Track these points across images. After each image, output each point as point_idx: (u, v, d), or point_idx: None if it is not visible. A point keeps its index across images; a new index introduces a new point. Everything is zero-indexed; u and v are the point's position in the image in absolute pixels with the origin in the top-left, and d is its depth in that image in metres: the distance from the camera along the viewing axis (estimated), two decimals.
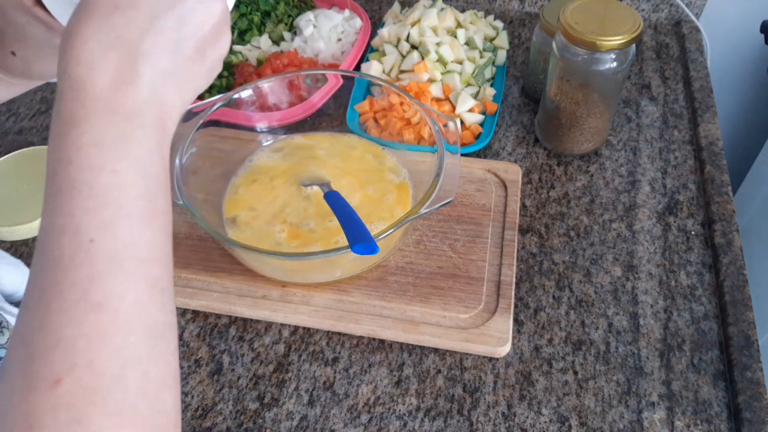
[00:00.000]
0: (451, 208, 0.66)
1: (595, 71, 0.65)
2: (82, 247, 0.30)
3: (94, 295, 0.30)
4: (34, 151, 0.75)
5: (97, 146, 0.32)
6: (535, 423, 0.53)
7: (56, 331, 0.29)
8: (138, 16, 0.33)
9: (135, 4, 0.33)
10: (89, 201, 0.31)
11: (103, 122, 0.32)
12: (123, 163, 0.33)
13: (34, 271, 0.31)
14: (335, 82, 0.75)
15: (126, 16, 0.33)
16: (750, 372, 0.54)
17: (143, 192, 0.33)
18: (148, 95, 0.34)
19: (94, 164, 0.32)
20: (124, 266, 0.31)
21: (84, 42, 0.32)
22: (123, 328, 0.30)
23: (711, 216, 0.67)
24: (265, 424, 0.53)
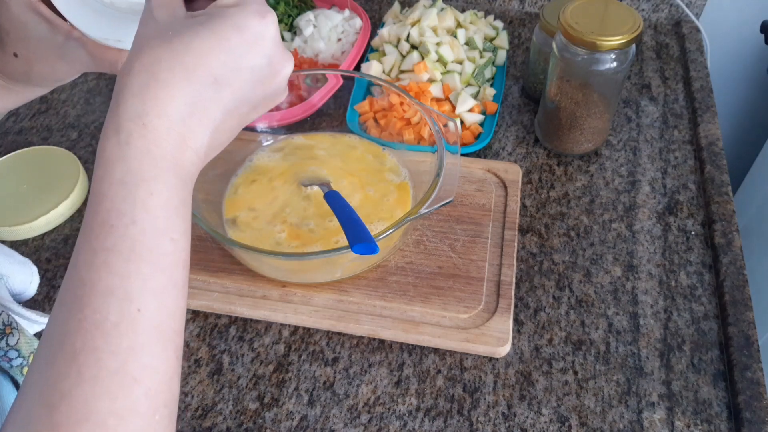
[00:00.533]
0: (451, 208, 0.66)
1: (595, 71, 0.65)
2: (129, 315, 0.29)
3: (132, 368, 0.29)
4: (34, 151, 0.75)
5: (164, 210, 0.32)
6: (535, 423, 0.53)
7: (86, 402, 0.27)
8: (229, 96, 0.35)
9: (231, 83, 0.34)
10: (146, 266, 0.31)
11: (170, 185, 0.32)
12: (180, 230, 0.33)
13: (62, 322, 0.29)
14: (335, 82, 0.75)
15: (220, 93, 0.34)
16: (750, 372, 0.54)
17: (186, 259, 0.33)
18: (203, 161, 0.35)
19: (158, 229, 0.31)
20: (162, 338, 0.30)
21: (173, 99, 0.32)
22: (152, 405, 0.29)
23: (711, 216, 0.67)
24: (265, 424, 0.53)
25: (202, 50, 0.33)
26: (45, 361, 0.28)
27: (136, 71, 0.32)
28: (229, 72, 0.34)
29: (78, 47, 0.43)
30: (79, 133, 0.80)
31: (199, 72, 0.33)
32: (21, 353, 0.49)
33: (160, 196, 0.32)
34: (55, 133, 0.80)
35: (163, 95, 0.32)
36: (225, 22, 0.34)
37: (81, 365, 0.28)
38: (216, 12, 0.34)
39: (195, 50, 0.33)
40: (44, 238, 0.68)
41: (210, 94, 0.34)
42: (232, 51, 0.34)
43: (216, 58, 0.33)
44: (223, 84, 0.34)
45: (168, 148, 0.32)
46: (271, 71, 0.36)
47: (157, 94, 0.32)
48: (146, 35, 0.34)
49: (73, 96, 0.86)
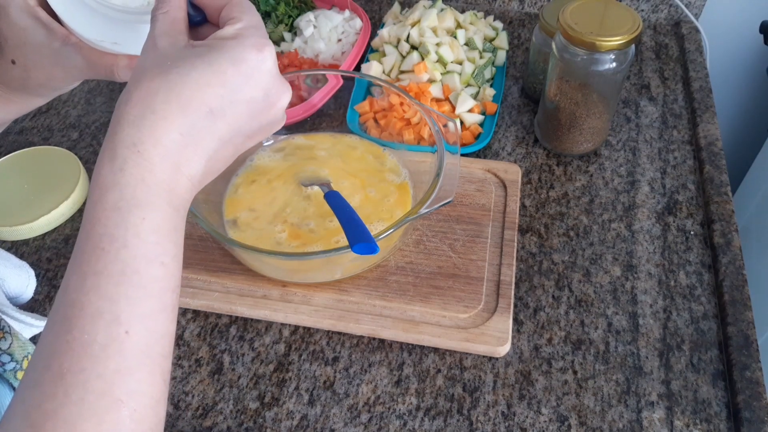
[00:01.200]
0: (451, 208, 0.67)
1: (594, 71, 0.65)
2: (118, 338, 0.30)
3: (118, 391, 0.29)
4: (35, 151, 0.75)
5: (155, 235, 0.32)
6: (535, 422, 0.53)
7: (72, 424, 0.27)
8: (224, 128, 0.35)
9: (226, 115, 0.35)
10: (136, 290, 0.31)
11: (162, 211, 0.33)
12: (171, 254, 0.33)
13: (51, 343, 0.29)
14: (335, 82, 0.75)
15: (215, 124, 0.35)
16: (749, 372, 0.54)
17: (176, 284, 0.34)
18: (197, 188, 0.36)
19: (149, 254, 0.32)
20: (150, 362, 0.31)
21: (168, 129, 0.33)
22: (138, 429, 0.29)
23: (710, 216, 0.67)
24: (266, 424, 0.53)
25: (198, 83, 0.33)
26: (33, 381, 0.29)
27: (133, 101, 0.33)
28: (224, 104, 0.34)
29: (75, 53, 0.43)
30: (79, 133, 0.81)
31: (195, 104, 0.33)
32: (14, 357, 0.49)
33: (152, 221, 0.32)
34: (56, 134, 0.80)
35: (158, 126, 0.33)
36: (222, 55, 0.34)
37: (68, 386, 0.28)
38: (215, 44, 0.35)
39: (191, 83, 0.33)
40: (45, 238, 0.68)
41: (205, 125, 0.34)
42: (228, 84, 0.34)
43: (212, 91, 0.34)
44: (218, 115, 0.34)
45: (162, 176, 0.33)
46: (267, 103, 0.37)
47: (152, 125, 0.33)
48: (146, 65, 0.34)
49: (74, 96, 0.86)
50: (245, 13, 0.37)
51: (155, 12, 0.37)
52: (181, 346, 0.59)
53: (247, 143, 0.38)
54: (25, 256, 0.67)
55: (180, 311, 0.61)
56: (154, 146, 0.33)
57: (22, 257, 0.66)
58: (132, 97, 0.33)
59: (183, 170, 0.34)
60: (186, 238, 0.65)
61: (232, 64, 0.34)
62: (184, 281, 0.61)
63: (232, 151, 0.37)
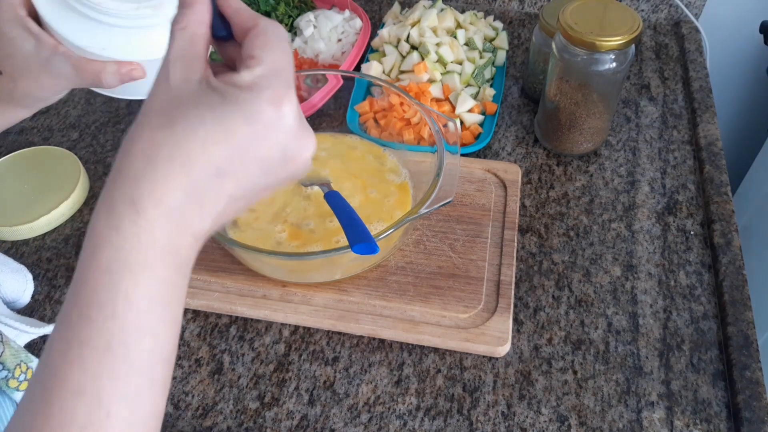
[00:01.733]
0: (451, 208, 0.67)
1: (594, 71, 0.65)
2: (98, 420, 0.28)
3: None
4: (35, 151, 0.75)
5: (149, 302, 0.30)
6: (535, 422, 0.53)
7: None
8: (233, 187, 0.32)
9: (236, 175, 0.31)
10: (121, 366, 0.29)
11: (159, 275, 0.30)
12: (164, 323, 0.31)
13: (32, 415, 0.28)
14: (335, 82, 0.75)
15: (223, 184, 0.31)
16: (749, 371, 0.54)
17: (170, 353, 0.31)
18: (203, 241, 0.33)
19: (140, 324, 0.29)
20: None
21: (170, 189, 0.30)
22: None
23: (710, 216, 0.67)
24: (266, 424, 0.53)
25: (205, 141, 0.30)
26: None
27: (135, 152, 0.30)
28: (234, 165, 0.31)
29: (63, 61, 0.43)
30: (80, 133, 0.81)
31: (201, 163, 0.30)
32: (6, 366, 0.49)
33: (146, 288, 0.30)
34: (56, 133, 0.80)
35: (160, 184, 0.30)
36: (234, 112, 0.30)
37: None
38: (228, 94, 0.31)
39: (198, 140, 0.30)
40: (45, 238, 0.68)
41: (212, 185, 0.31)
42: (239, 144, 0.31)
43: (220, 151, 0.30)
44: (227, 176, 0.31)
45: (162, 238, 0.30)
46: (285, 160, 0.33)
47: (154, 183, 0.30)
48: (153, 106, 0.31)
49: (74, 96, 0.86)
50: (269, 50, 0.32)
51: (173, 27, 0.33)
52: (181, 346, 0.59)
53: (263, 194, 0.34)
54: (25, 256, 0.67)
55: None
56: (155, 206, 0.30)
57: (21, 257, 0.67)
58: (134, 147, 0.31)
59: (186, 230, 0.31)
60: None
61: (245, 123, 0.30)
62: None
63: (245, 203, 0.34)
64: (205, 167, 0.30)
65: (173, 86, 0.32)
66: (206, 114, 0.30)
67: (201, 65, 0.32)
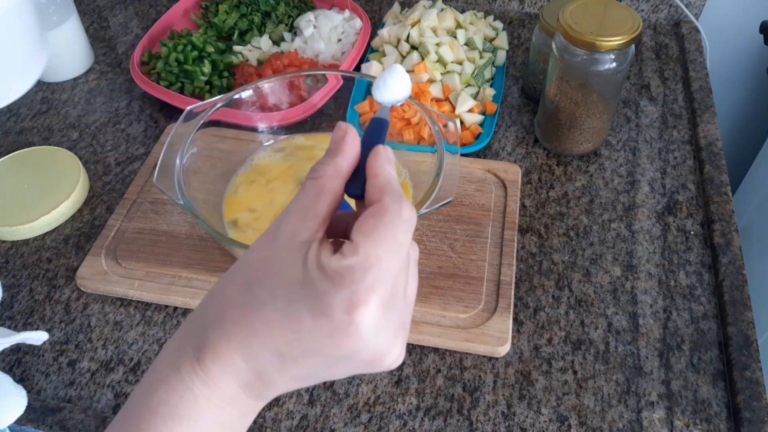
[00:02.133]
0: (451, 208, 0.67)
1: (594, 71, 0.65)
2: None
3: None
4: (35, 151, 0.75)
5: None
6: (535, 422, 0.53)
7: None
8: (297, 371, 0.31)
9: (298, 362, 0.30)
10: None
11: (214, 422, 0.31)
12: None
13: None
14: (335, 82, 0.75)
15: (286, 367, 0.30)
16: (749, 372, 0.54)
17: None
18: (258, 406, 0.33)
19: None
20: None
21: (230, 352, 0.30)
22: None
23: (710, 216, 0.67)
24: (266, 424, 0.53)
25: (269, 320, 0.29)
26: None
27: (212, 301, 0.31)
28: (295, 352, 0.30)
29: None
30: (80, 133, 0.81)
31: (261, 339, 0.30)
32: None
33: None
34: (56, 133, 0.80)
35: (222, 342, 0.30)
36: (305, 299, 0.29)
37: None
38: (311, 276, 0.29)
39: (262, 316, 0.29)
40: (45, 238, 0.68)
41: (273, 363, 0.30)
42: (302, 334, 0.29)
43: (282, 334, 0.29)
44: (288, 360, 0.30)
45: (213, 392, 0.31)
46: (354, 362, 0.30)
47: (216, 339, 0.30)
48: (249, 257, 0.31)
49: (74, 96, 0.86)
50: (372, 240, 0.29)
51: (309, 174, 0.32)
52: None
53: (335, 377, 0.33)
54: (25, 256, 0.67)
55: (180, 311, 0.61)
56: (213, 361, 0.30)
57: (22, 257, 0.67)
58: (215, 294, 0.31)
59: (247, 392, 0.31)
60: (186, 238, 0.66)
61: (311, 315, 0.29)
62: (184, 281, 0.61)
63: (316, 382, 0.33)
64: (266, 344, 0.30)
65: (276, 241, 0.31)
66: (280, 291, 0.29)
67: (314, 225, 0.31)
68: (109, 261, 0.64)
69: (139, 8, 1.02)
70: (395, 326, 0.30)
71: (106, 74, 0.90)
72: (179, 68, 0.82)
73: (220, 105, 0.63)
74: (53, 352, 0.59)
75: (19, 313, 0.62)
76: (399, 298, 0.30)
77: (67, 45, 0.86)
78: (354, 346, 0.29)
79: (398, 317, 0.30)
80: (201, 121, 0.61)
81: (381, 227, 0.29)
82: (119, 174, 0.75)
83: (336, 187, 0.32)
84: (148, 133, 0.80)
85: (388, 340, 0.30)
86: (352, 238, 0.29)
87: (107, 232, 0.66)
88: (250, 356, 0.30)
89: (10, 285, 0.64)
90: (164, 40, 0.87)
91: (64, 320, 0.61)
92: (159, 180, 0.56)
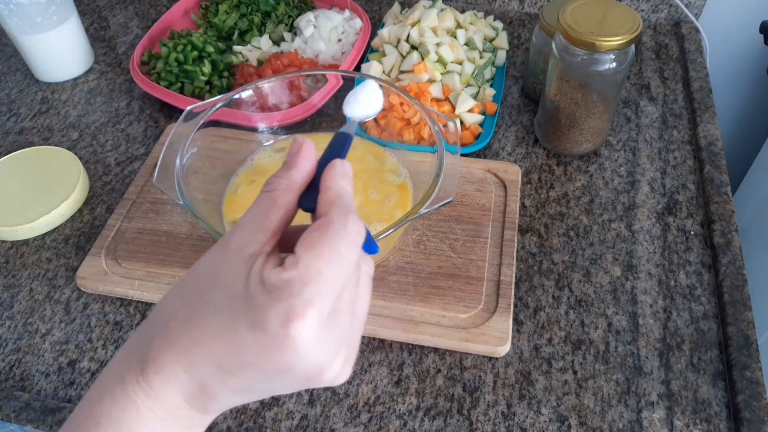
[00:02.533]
0: (451, 208, 0.67)
1: (594, 72, 0.65)
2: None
3: None
4: (35, 151, 0.75)
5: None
6: (535, 422, 0.53)
7: None
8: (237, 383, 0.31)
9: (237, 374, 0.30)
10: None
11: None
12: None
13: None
14: (335, 82, 0.75)
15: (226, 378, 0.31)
16: (749, 372, 0.54)
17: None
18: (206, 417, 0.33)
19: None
20: None
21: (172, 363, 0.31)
22: None
23: (710, 216, 0.67)
24: (266, 424, 0.53)
25: (209, 332, 0.30)
26: None
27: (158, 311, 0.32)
28: (234, 364, 0.30)
29: None
30: (80, 133, 0.81)
31: (202, 350, 0.30)
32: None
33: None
34: (56, 133, 0.80)
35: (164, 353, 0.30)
36: (243, 313, 0.29)
37: None
38: (252, 290, 0.29)
39: (203, 328, 0.30)
40: (45, 238, 0.68)
41: (214, 375, 0.30)
42: (240, 347, 0.29)
43: (221, 346, 0.30)
44: (228, 372, 0.30)
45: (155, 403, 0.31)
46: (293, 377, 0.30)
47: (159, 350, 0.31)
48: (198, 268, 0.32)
49: (74, 96, 0.86)
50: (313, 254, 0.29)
51: (264, 187, 0.32)
52: None
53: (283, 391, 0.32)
54: (25, 256, 0.67)
55: None
56: (156, 372, 0.30)
57: (22, 257, 0.67)
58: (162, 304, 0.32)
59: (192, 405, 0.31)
60: (186, 238, 0.66)
61: (248, 328, 0.29)
62: None
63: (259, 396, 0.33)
64: (206, 356, 0.30)
65: (225, 253, 0.31)
66: (223, 304, 0.30)
67: (264, 238, 0.31)
68: (109, 261, 0.64)
69: (139, 8, 1.02)
70: (337, 342, 0.30)
71: (106, 74, 0.90)
72: (179, 68, 0.82)
73: (220, 105, 0.63)
74: (53, 352, 0.59)
75: (19, 313, 0.62)
76: (344, 313, 0.30)
77: (67, 45, 0.86)
78: (290, 360, 0.29)
79: (340, 333, 0.30)
80: (201, 121, 0.61)
81: (324, 240, 0.29)
82: (119, 174, 0.75)
83: (289, 200, 0.32)
84: (148, 133, 0.80)
85: (328, 356, 0.30)
86: (295, 252, 0.29)
87: (107, 232, 0.66)
88: (191, 367, 0.30)
89: (10, 285, 0.64)
90: (164, 40, 0.87)
91: (64, 320, 0.61)
92: (159, 180, 0.56)
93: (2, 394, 0.56)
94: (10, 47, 0.95)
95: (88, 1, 1.04)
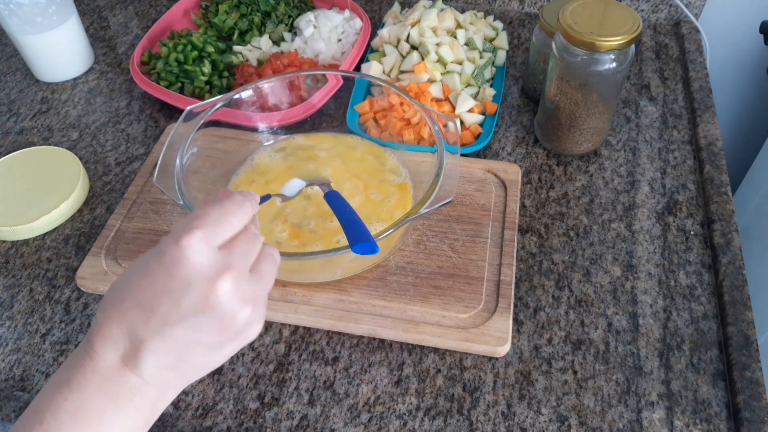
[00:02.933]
0: (451, 208, 0.67)
1: (594, 72, 0.65)
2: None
3: None
4: (35, 151, 0.75)
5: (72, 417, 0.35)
6: (535, 422, 0.53)
7: None
8: (151, 319, 0.36)
9: (152, 309, 0.36)
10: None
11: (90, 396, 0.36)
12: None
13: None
14: (335, 82, 0.75)
15: (148, 319, 0.36)
16: (749, 372, 0.54)
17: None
18: (144, 382, 0.37)
19: None
20: None
21: (107, 320, 0.36)
22: None
23: (710, 216, 0.67)
24: (266, 424, 0.53)
25: (130, 279, 0.37)
26: None
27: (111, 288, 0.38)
28: (149, 297, 0.35)
29: None
30: (79, 133, 0.81)
31: (128, 298, 0.36)
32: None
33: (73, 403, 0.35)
34: (55, 133, 0.80)
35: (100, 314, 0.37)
36: (152, 251, 0.37)
37: None
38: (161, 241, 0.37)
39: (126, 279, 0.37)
40: (45, 238, 0.68)
41: (139, 319, 0.36)
42: (153, 279, 0.36)
43: (139, 285, 0.36)
44: (147, 310, 0.36)
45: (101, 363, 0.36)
46: (197, 296, 0.35)
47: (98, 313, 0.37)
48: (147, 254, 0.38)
49: (74, 96, 0.86)
50: (204, 205, 0.39)
51: None
52: None
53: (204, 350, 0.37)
54: (25, 256, 0.67)
55: None
56: (97, 335, 0.36)
57: (22, 257, 0.67)
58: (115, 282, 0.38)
59: (127, 360, 0.36)
60: None
61: (155, 260, 0.36)
62: None
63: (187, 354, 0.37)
64: (131, 302, 0.36)
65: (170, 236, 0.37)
66: (140, 258, 0.37)
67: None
68: (109, 261, 0.64)
69: (139, 8, 1.02)
70: (237, 279, 0.36)
71: (106, 74, 0.90)
72: (179, 68, 0.82)
73: (220, 105, 0.63)
74: (53, 352, 0.59)
75: (19, 313, 0.62)
76: (238, 252, 0.37)
77: (67, 45, 0.86)
78: (184, 272, 0.35)
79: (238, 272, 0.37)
80: (201, 121, 0.61)
81: (214, 200, 0.39)
82: (119, 174, 0.75)
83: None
84: (148, 133, 0.80)
85: (215, 271, 0.36)
86: None
87: (107, 232, 0.66)
88: (121, 318, 0.36)
89: (10, 285, 0.64)
90: (164, 40, 0.87)
91: (64, 320, 0.61)
92: (159, 180, 0.56)
93: (2, 394, 0.56)
94: (10, 47, 0.95)
95: (88, 1, 1.04)
